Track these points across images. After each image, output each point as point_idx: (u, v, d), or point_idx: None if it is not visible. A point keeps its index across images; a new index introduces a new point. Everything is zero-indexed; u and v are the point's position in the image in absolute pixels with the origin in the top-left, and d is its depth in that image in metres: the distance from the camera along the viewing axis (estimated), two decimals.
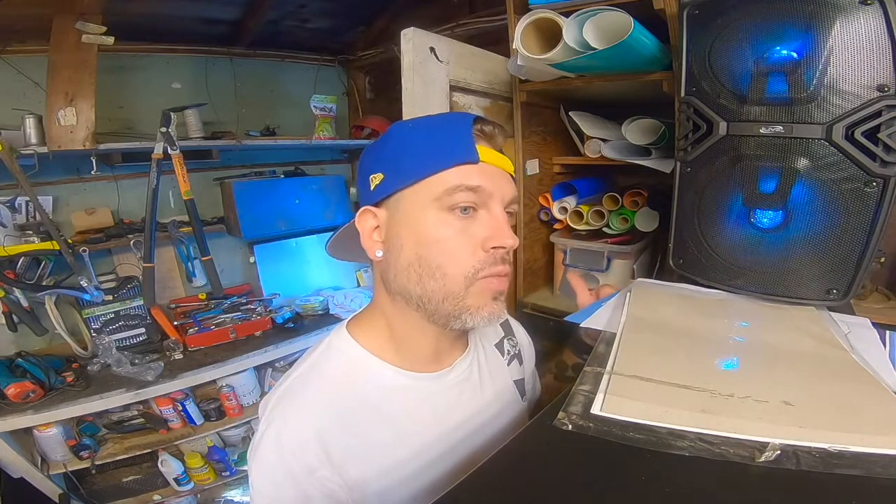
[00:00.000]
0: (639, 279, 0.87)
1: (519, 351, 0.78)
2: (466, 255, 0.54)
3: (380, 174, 0.56)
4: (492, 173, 0.55)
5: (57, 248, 1.68)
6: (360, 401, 0.56)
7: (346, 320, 0.64)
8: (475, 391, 0.66)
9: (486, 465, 0.44)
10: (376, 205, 0.57)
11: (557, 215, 1.41)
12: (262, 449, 0.52)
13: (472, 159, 0.54)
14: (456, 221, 0.54)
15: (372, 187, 0.56)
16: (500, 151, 0.59)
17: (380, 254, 0.57)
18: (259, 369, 2.06)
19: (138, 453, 1.86)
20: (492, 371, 0.70)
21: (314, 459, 0.51)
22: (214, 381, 1.96)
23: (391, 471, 0.55)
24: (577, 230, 1.39)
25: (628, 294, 0.76)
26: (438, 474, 0.59)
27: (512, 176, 0.59)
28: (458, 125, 0.56)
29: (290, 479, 0.51)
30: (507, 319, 0.79)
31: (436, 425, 0.59)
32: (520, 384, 0.74)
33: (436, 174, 0.53)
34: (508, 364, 0.74)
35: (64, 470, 1.72)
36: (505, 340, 0.76)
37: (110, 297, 1.92)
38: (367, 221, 0.57)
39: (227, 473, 2.04)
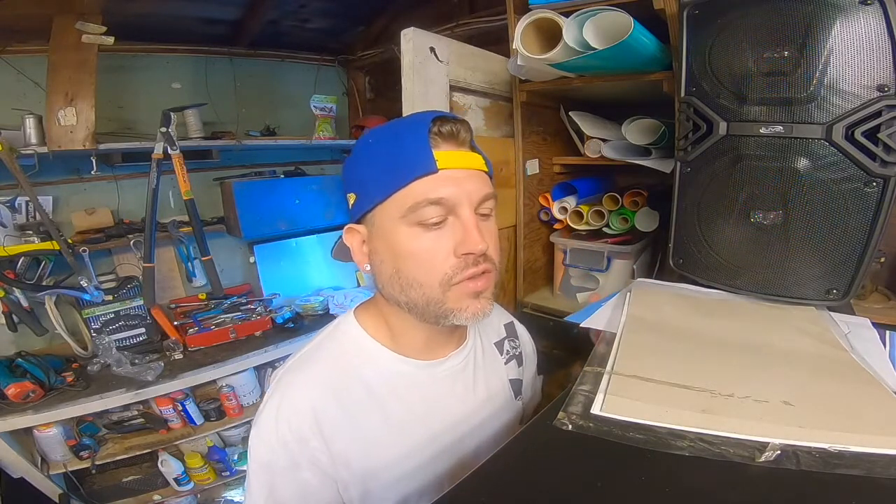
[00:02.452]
0: (639, 279, 0.87)
1: (520, 353, 0.79)
2: (439, 264, 0.55)
3: (353, 194, 0.59)
4: (456, 178, 0.54)
5: (57, 248, 1.68)
6: (356, 379, 0.59)
7: (355, 306, 0.67)
8: (468, 384, 0.67)
9: (487, 464, 0.44)
10: (357, 222, 0.60)
11: (557, 215, 1.41)
12: (263, 416, 0.56)
13: (431, 170, 0.53)
14: (425, 233, 0.54)
15: (350, 206, 0.60)
16: (471, 146, 0.58)
17: (367, 267, 0.60)
18: (259, 369, 2.06)
19: (138, 453, 1.85)
20: (487, 367, 0.71)
21: (307, 430, 0.55)
22: (214, 381, 1.96)
23: (375, 453, 0.58)
24: (577, 230, 1.39)
25: (628, 294, 0.76)
26: (427, 464, 0.61)
27: (484, 171, 0.59)
28: (415, 132, 0.55)
29: (282, 445, 0.54)
30: (512, 322, 0.81)
31: (425, 412, 0.62)
32: (516, 383, 0.75)
33: (399, 190, 0.54)
34: (506, 363, 0.75)
35: (64, 470, 1.72)
36: (506, 341, 0.77)
37: (110, 297, 1.92)
38: (354, 237, 0.61)
39: (227, 473, 2.03)
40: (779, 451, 0.40)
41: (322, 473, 0.56)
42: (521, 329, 0.83)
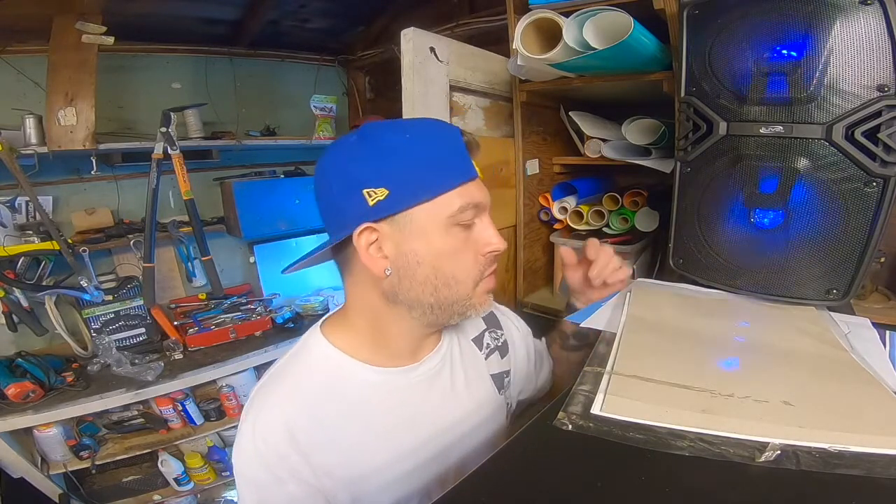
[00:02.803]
0: (639, 279, 0.87)
1: (504, 341, 0.78)
2: (471, 263, 0.59)
3: (383, 189, 0.54)
4: (480, 186, 0.60)
5: (57, 248, 1.68)
6: (327, 393, 0.60)
7: (320, 321, 0.67)
8: (445, 385, 0.67)
9: (487, 464, 0.44)
10: (376, 220, 0.55)
11: (557, 215, 1.41)
12: (241, 436, 0.58)
13: (475, 175, 0.58)
14: (461, 234, 0.58)
15: (371, 202, 0.54)
16: None
17: (389, 271, 0.57)
18: (259, 369, 2.05)
19: (138, 453, 1.86)
20: (465, 365, 0.71)
21: (284, 446, 0.56)
22: (214, 381, 1.96)
23: (359, 461, 0.59)
24: (577, 230, 1.39)
25: (628, 294, 0.76)
26: (412, 468, 0.61)
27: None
28: (453, 139, 0.58)
29: (263, 461, 0.56)
30: (491, 312, 0.79)
31: (406, 418, 0.62)
32: (498, 378, 0.74)
33: (450, 191, 0.56)
34: (487, 357, 0.75)
35: (64, 470, 1.72)
36: (486, 334, 0.76)
37: (110, 297, 1.92)
38: (365, 237, 0.56)
39: (227, 473, 2.03)
40: (779, 452, 0.40)
41: (306, 485, 0.57)
42: (503, 314, 0.82)
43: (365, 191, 0.54)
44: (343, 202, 0.56)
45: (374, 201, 0.54)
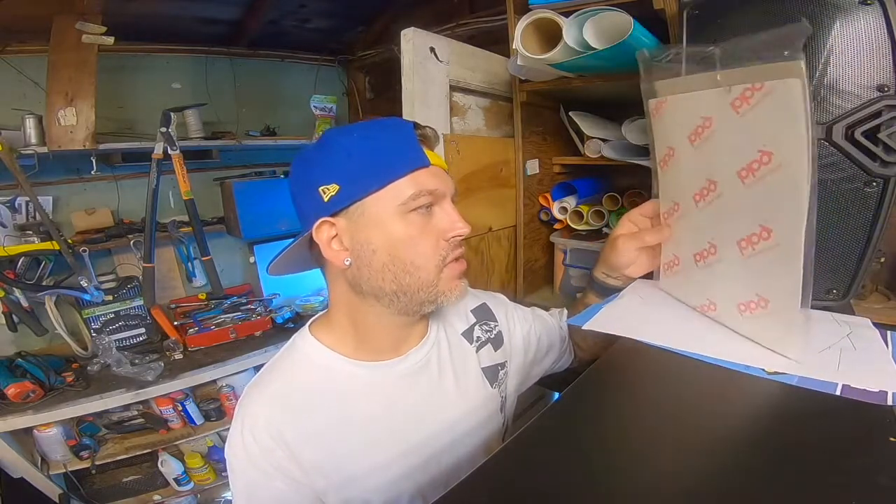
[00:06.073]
0: (638, 279, 0.87)
1: (497, 332, 0.78)
2: (432, 248, 0.60)
3: (334, 185, 0.58)
4: (437, 173, 0.61)
5: (57, 248, 1.68)
6: (313, 388, 0.62)
7: (310, 321, 0.69)
8: (433, 380, 0.67)
9: (488, 463, 0.44)
10: (332, 215, 0.59)
11: (557, 215, 1.40)
12: (231, 432, 0.61)
13: (426, 163, 0.60)
14: (419, 220, 0.59)
15: (326, 199, 0.58)
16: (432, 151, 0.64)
17: (348, 261, 0.59)
18: (259, 369, 2.06)
19: (138, 453, 1.86)
20: (454, 359, 0.71)
21: (270, 442, 0.58)
22: (214, 381, 1.96)
23: (349, 461, 0.59)
24: (577, 230, 1.39)
25: (627, 292, 0.77)
26: (400, 465, 0.62)
27: (446, 171, 0.65)
28: (403, 132, 0.60)
29: (250, 459, 0.58)
30: (482, 304, 0.79)
31: (387, 411, 0.63)
32: (490, 371, 0.74)
33: (398, 180, 0.58)
34: (478, 351, 0.74)
35: (64, 470, 1.72)
36: (476, 327, 0.76)
37: (110, 297, 1.92)
38: (325, 232, 0.59)
39: (227, 473, 2.03)
40: None
41: (293, 481, 0.58)
42: (496, 305, 0.81)
43: (320, 188, 0.59)
44: (304, 203, 0.61)
45: (328, 197, 0.58)
